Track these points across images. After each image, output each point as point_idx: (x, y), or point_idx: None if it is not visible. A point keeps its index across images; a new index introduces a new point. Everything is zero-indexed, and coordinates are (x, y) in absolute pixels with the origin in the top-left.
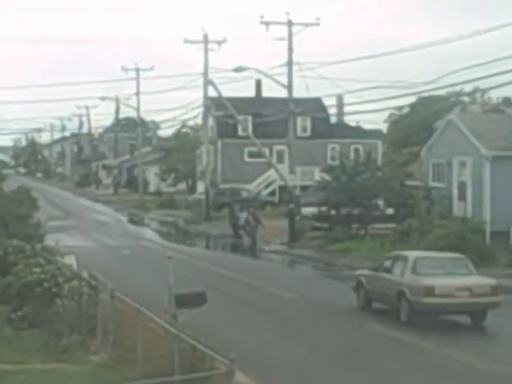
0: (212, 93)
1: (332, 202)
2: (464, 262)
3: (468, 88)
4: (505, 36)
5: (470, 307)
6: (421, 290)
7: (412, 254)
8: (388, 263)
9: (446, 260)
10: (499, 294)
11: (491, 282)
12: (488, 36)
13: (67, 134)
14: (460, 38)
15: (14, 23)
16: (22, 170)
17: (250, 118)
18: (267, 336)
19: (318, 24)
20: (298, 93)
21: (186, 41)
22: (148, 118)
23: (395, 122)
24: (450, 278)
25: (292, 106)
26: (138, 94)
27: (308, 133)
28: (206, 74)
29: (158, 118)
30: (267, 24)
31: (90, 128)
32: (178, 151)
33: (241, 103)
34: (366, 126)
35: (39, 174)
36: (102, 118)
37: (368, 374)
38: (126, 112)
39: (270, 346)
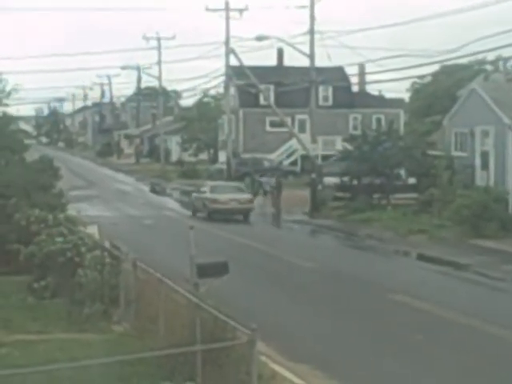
0: (233, 62)
1: (354, 171)
2: (240, 188)
3: (491, 56)
4: None
5: (238, 210)
6: (212, 201)
7: (211, 183)
8: (202, 189)
9: (229, 186)
10: (253, 203)
11: (249, 196)
12: None
13: (89, 103)
14: (484, 6)
15: None
16: (44, 139)
17: (271, 87)
18: (288, 306)
19: None
20: (320, 62)
21: (208, 9)
22: (170, 87)
23: (418, 90)
24: (228, 194)
25: (314, 75)
26: (159, 63)
27: (330, 102)
28: (227, 42)
29: (179, 88)
30: None
31: (111, 97)
32: (200, 121)
33: (262, 72)
34: (388, 95)
35: (61, 144)
36: (123, 87)
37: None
38: (148, 81)
39: (290, 315)
